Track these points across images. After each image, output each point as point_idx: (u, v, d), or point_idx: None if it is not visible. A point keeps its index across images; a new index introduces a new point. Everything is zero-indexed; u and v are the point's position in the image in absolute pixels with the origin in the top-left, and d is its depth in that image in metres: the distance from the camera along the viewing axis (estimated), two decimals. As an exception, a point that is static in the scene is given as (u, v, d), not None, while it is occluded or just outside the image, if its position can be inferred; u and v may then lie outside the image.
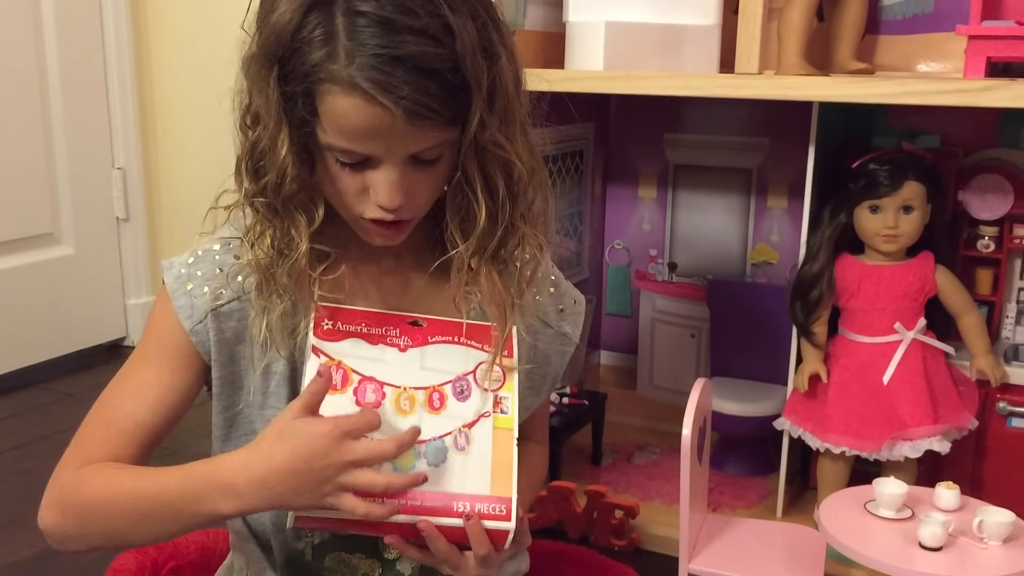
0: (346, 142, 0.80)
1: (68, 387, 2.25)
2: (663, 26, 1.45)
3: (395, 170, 0.81)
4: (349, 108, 0.77)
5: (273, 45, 0.78)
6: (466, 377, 0.86)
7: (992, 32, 1.26)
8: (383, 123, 0.77)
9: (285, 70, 0.79)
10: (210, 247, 0.90)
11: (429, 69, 0.77)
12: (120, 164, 2.46)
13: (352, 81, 0.76)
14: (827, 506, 1.20)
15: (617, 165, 1.90)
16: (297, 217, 0.84)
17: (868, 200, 1.41)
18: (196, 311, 0.87)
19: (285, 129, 0.80)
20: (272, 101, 0.79)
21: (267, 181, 0.82)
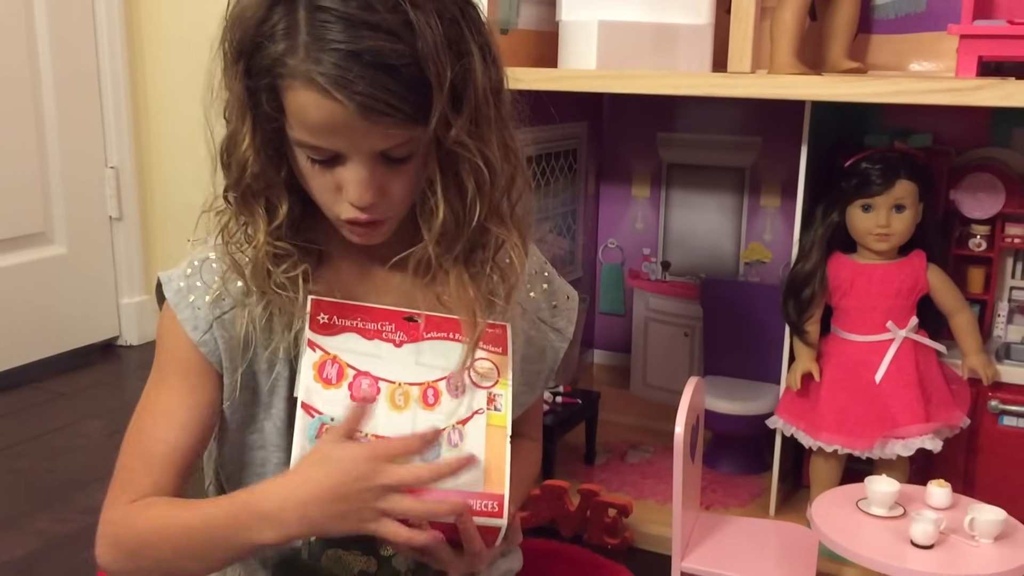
0: (311, 137, 0.80)
1: (61, 387, 2.24)
2: (656, 25, 1.45)
3: (363, 168, 0.81)
4: (308, 103, 0.77)
5: (238, 39, 0.79)
6: (460, 374, 0.86)
7: (983, 31, 1.27)
8: (341, 119, 0.77)
9: (249, 64, 0.79)
10: (206, 256, 0.89)
11: (386, 65, 0.76)
12: (113, 163, 2.45)
13: (310, 76, 0.76)
14: (819, 504, 1.20)
15: (610, 164, 1.91)
16: (257, 212, 0.84)
17: (860, 199, 1.41)
18: (200, 322, 0.87)
19: (248, 123, 0.81)
20: (236, 95, 0.80)
21: (232, 176, 0.83)
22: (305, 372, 0.82)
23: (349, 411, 0.81)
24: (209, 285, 0.88)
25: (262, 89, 0.79)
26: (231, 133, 0.82)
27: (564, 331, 1.01)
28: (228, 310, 0.87)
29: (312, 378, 0.82)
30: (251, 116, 0.81)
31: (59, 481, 1.75)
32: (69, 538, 1.55)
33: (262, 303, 0.86)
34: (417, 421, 0.83)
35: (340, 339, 0.84)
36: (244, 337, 0.87)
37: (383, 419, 0.82)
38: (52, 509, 1.64)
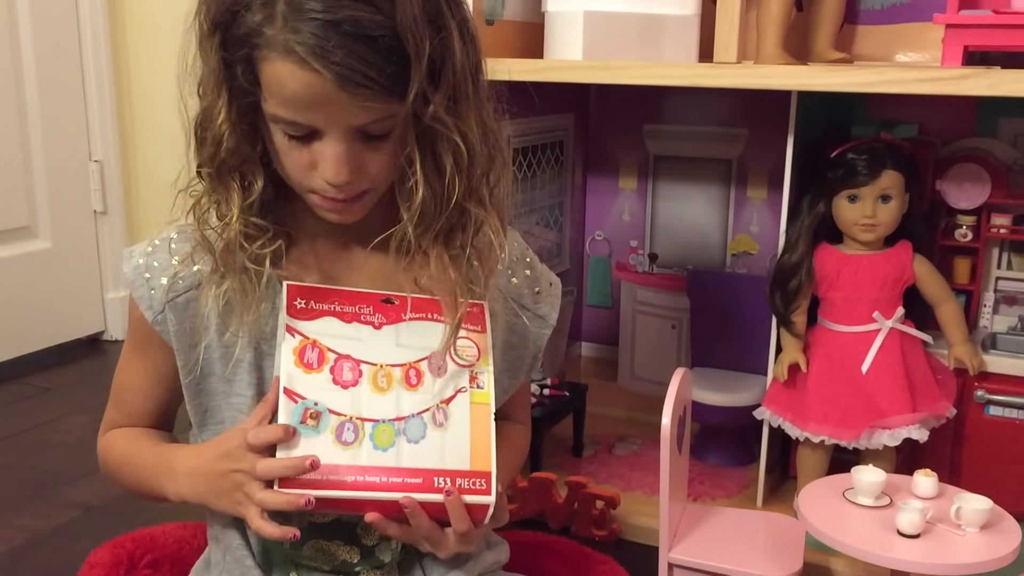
0: (287, 112, 0.79)
1: (46, 382, 2.23)
2: (642, 16, 1.45)
3: (340, 143, 0.80)
4: (285, 75, 0.76)
5: (214, 10, 0.78)
6: (441, 353, 0.86)
7: (969, 20, 1.27)
8: (319, 90, 0.76)
9: (225, 36, 0.78)
10: (167, 235, 0.90)
11: (365, 35, 0.75)
12: (97, 157, 2.44)
13: (287, 46, 0.75)
14: (806, 494, 1.20)
15: (597, 156, 1.90)
16: (232, 186, 0.84)
17: (846, 189, 1.41)
18: (155, 303, 0.88)
19: (224, 97, 0.80)
20: (211, 68, 0.80)
21: (206, 150, 0.83)
22: (285, 358, 0.82)
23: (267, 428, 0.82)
24: (165, 267, 0.89)
25: (238, 61, 0.78)
26: (206, 107, 0.82)
27: (547, 317, 1.00)
28: (182, 292, 0.88)
29: (293, 363, 0.82)
30: (227, 89, 0.80)
31: (44, 476, 1.74)
32: (54, 533, 1.54)
33: (223, 285, 0.86)
34: (401, 402, 0.83)
35: (319, 323, 0.84)
36: (197, 321, 0.88)
37: (367, 401, 0.82)
38: (37, 504, 1.63)
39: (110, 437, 0.97)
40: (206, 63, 0.81)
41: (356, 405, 0.82)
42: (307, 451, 0.80)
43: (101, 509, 1.61)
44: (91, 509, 1.61)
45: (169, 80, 0.88)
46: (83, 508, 1.61)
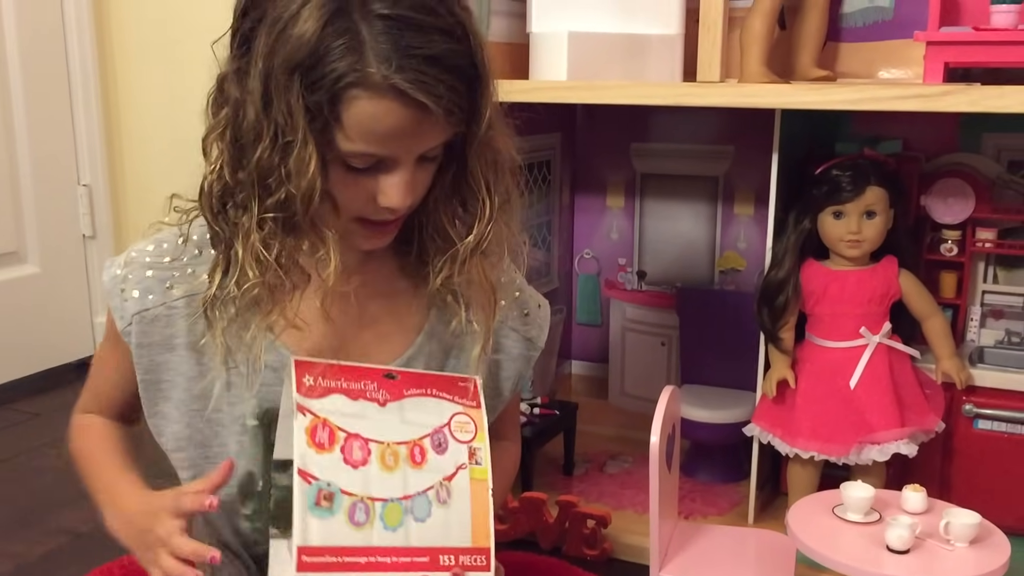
0: (370, 146, 0.81)
1: (35, 407, 2.22)
2: (626, 36, 1.46)
3: (408, 171, 0.83)
4: (381, 112, 0.78)
5: (295, 56, 0.78)
6: (442, 430, 0.87)
7: (949, 38, 1.28)
8: (415, 123, 0.79)
9: (307, 81, 0.78)
10: (144, 248, 0.93)
11: (456, 66, 0.79)
12: (86, 181, 2.44)
13: (389, 83, 0.77)
14: (796, 511, 1.20)
15: (584, 175, 1.91)
16: (324, 231, 0.84)
17: (831, 206, 1.42)
18: (126, 313, 0.92)
19: (312, 143, 0.79)
20: (296, 113, 0.79)
21: (280, 197, 0.81)
22: (298, 437, 0.82)
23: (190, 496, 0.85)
24: (139, 279, 0.91)
25: (323, 102, 0.78)
26: (286, 152, 0.80)
27: (535, 340, 1.01)
28: (152, 307, 0.91)
29: (306, 443, 0.82)
30: (312, 137, 0.79)
31: (33, 503, 1.73)
32: (43, 560, 1.53)
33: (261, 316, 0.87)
34: (408, 480, 0.84)
35: (327, 401, 0.85)
36: (167, 341, 0.92)
37: (376, 481, 0.83)
38: (26, 531, 1.62)
39: (84, 422, 1.03)
40: (279, 108, 0.79)
41: (366, 485, 0.83)
42: (323, 532, 0.80)
43: (90, 536, 1.60)
44: (80, 536, 1.60)
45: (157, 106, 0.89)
46: (72, 535, 1.60)
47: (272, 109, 0.79)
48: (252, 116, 0.80)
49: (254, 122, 0.80)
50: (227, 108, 0.83)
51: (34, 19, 2.28)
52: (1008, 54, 1.25)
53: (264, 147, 0.80)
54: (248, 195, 0.83)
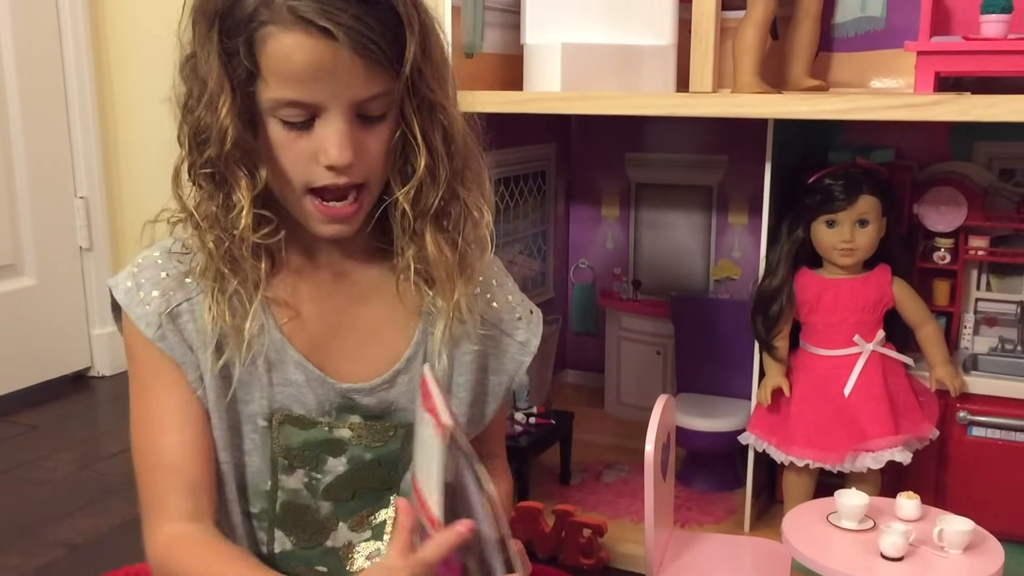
0: (290, 90, 0.81)
1: (33, 419, 2.22)
2: (619, 47, 1.47)
3: (342, 121, 0.82)
4: (291, 46, 0.79)
5: (212, 5, 0.80)
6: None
7: (939, 48, 1.29)
8: (327, 58, 0.79)
9: (224, 25, 0.80)
10: (151, 254, 0.92)
11: (368, 2, 0.79)
12: (82, 193, 2.44)
13: (294, 13, 0.78)
14: (791, 519, 1.20)
15: (579, 185, 1.92)
16: (239, 174, 0.84)
17: (824, 215, 1.43)
18: (152, 317, 0.89)
19: (227, 89, 0.81)
20: (213, 61, 0.81)
21: (209, 151, 0.83)
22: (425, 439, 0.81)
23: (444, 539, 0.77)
24: (155, 281, 0.89)
25: (239, 47, 0.80)
26: (208, 101, 0.82)
27: (527, 344, 1.02)
28: (176, 304, 0.89)
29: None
30: (228, 81, 0.81)
31: (30, 515, 1.73)
32: (40, 572, 1.53)
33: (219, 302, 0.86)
34: None
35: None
36: (194, 335, 0.89)
37: None
38: (25, 544, 1.62)
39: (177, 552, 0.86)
40: (205, 59, 0.81)
41: None
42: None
43: (86, 548, 1.60)
44: (76, 548, 1.60)
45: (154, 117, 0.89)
46: (69, 547, 1.60)
47: (199, 65, 0.82)
48: (191, 84, 0.83)
49: (193, 88, 0.83)
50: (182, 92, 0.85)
51: (30, 31, 2.29)
52: (997, 63, 1.26)
53: (200, 108, 0.82)
54: (192, 160, 0.85)
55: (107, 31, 2.44)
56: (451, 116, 0.89)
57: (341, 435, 0.95)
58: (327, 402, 0.94)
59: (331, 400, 0.94)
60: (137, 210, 2.49)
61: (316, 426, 0.94)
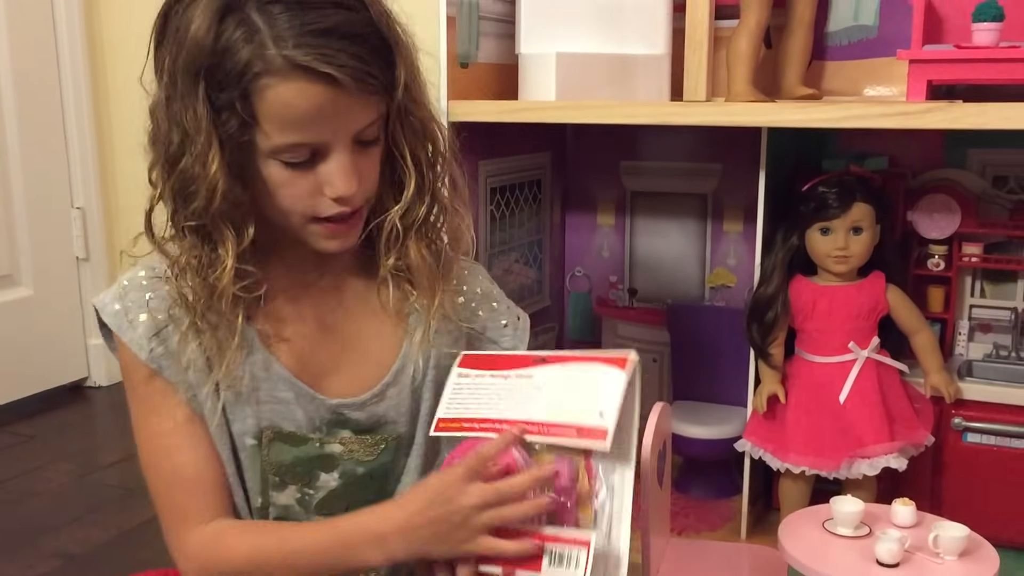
0: (294, 134, 0.81)
1: (30, 429, 2.22)
2: (613, 56, 1.47)
3: (346, 155, 0.83)
4: (292, 94, 0.78)
5: (195, 59, 0.79)
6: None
7: (932, 56, 1.29)
8: (329, 100, 0.79)
9: (212, 81, 0.79)
10: (136, 275, 0.92)
11: (357, 35, 0.79)
12: (79, 204, 2.45)
13: (292, 63, 0.77)
14: (786, 526, 1.20)
15: (575, 193, 1.92)
16: (225, 233, 0.84)
17: (818, 222, 1.43)
18: (143, 340, 0.90)
19: (215, 144, 0.80)
20: (201, 116, 0.80)
21: (197, 205, 0.82)
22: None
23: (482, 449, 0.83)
24: (142, 303, 0.90)
25: (232, 102, 0.79)
26: (196, 153, 0.81)
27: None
28: (164, 326, 0.89)
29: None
30: (216, 136, 0.80)
31: (29, 526, 1.73)
32: (37, 584, 1.54)
33: (200, 339, 0.87)
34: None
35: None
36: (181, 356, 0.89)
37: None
38: (21, 555, 1.62)
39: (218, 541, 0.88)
40: (191, 112, 0.80)
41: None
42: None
43: (84, 558, 1.60)
44: (73, 558, 1.60)
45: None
46: (65, 557, 1.60)
47: (183, 120, 0.81)
48: (174, 136, 0.82)
49: (176, 141, 0.82)
50: (159, 137, 0.84)
51: (27, 43, 2.30)
52: (989, 71, 1.26)
53: (185, 160, 0.82)
54: (175, 209, 0.85)
55: (103, 43, 2.44)
56: (433, 128, 0.90)
57: (332, 450, 0.95)
58: (317, 418, 0.94)
59: (321, 416, 0.94)
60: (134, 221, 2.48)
61: (307, 442, 0.94)
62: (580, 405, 0.87)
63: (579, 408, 0.87)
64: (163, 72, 0.82)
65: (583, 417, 0.86)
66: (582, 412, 0.86)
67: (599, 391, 0.88)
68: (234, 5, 0.79)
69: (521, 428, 0.84)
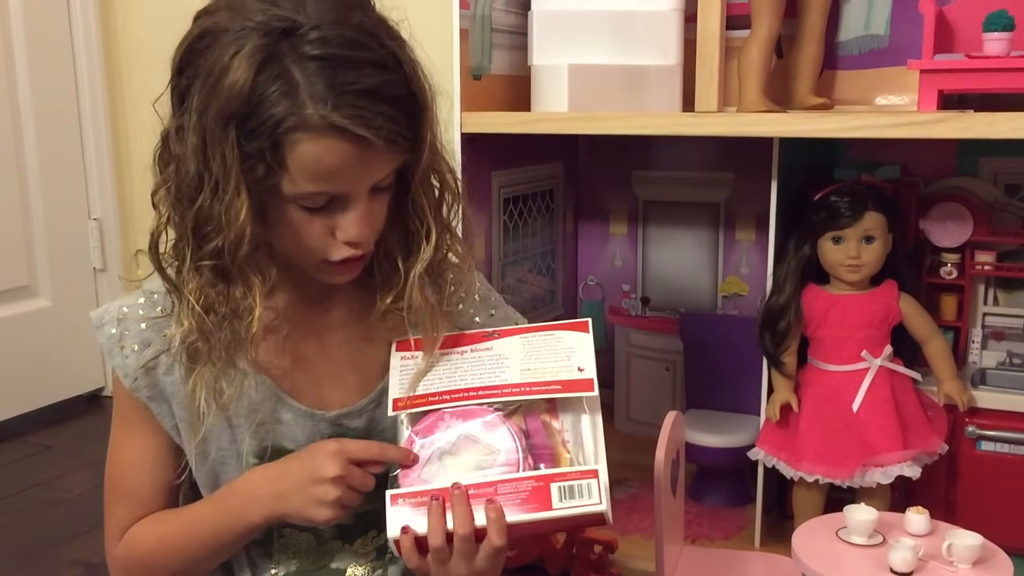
0: (320, 186, 0.82)
1: (47, 439, 2.24)
2: (625, 67, 1.48)
3: (364, 204, 0.84)
4: (323, 151, 0.79)
5: (229, 106, 0.79)
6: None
7: (943, 66, 1.30)
8: (358, 157, 0.80)
9: (244, 129, 0.79)
10: (134, 301, 0.94)
11: (392, 97, 0.80)
12: (96, 215, 2.47)
13: (328, 123, 0.78)
14: (800, 534, 1.21)
15: (588, 203, 1.93)
16: (252, 279, 0.85)
17: (831, 231, 1.44)
18: (130, 370, 0.91)
19: (244, 191, 0.80)
20: (231, 162, 0.79)
21: (217, 245, 0.82)
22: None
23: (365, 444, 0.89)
24: (136, 332, 0.92)
25: (262, 151, 0.79)
26: (221, 199, 0.81)
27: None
28: (153, 358, 0.91)
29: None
30: (244, 182, 0.80)
31: (46, 535, 1.74)
32: (56, 592, 1.55)
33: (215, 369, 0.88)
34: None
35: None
36: (176, 386, 0.91)
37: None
38: (41, 564, 1.64)
39: (131, 536, 0.95)
40: (221, 158, 0.80)
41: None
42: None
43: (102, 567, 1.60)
44: (92, 567, 1.61)
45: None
46: (84, 566, 1.62)
47: (209, 161, 0.80)
48: (192, 169, 0.81)
49: (194, 175, 0.81)
50: (171, 164, 0.84)
51: (44, 55, 2.32)
52: (1000, 81, 1.27)
53: (204, 197, 0.81)
54: (186, 244, 0.84)
55: (120, 55, 2.47)
56: (448, 177, 0.92)
57: None
58: (318, 435, 0.95)
59: (322, 432, 0.95)
60: (150, 231, 2.51)
61: None
62: (555, 365, 0.92)
63: (555, 368, 0.92)
64: (189, 108, 0.81)
65: (562, 374, 0.91)
66: (560, 371, 0.91)
67: (570, 352, 0.93)
68: (273, 56, 0.78)
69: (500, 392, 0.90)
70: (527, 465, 0.88)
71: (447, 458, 0.88)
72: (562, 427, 0.92)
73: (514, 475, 0.86)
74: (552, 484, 0.85)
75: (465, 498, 0.84)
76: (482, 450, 0.88)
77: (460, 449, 0.88)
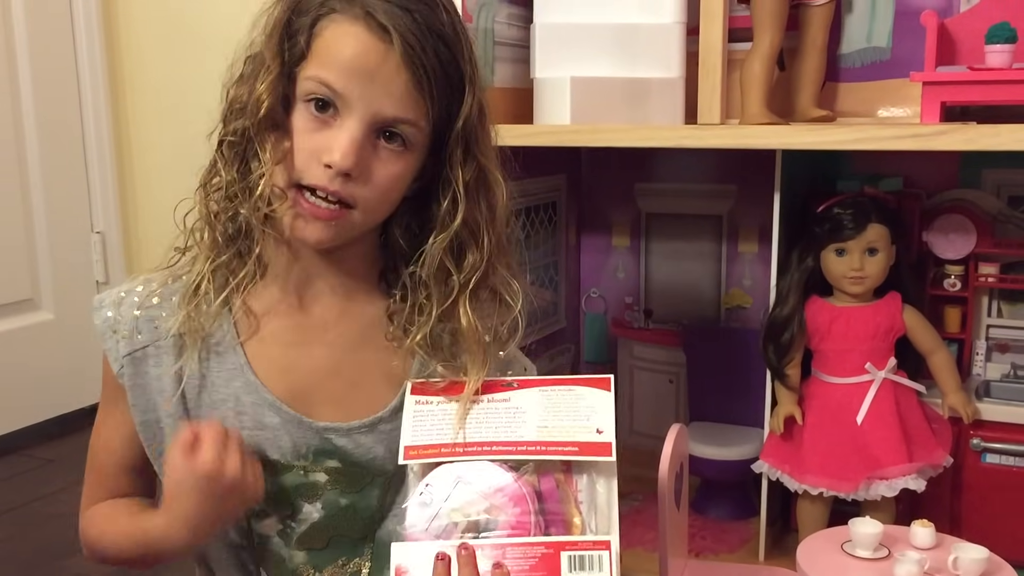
0: (328, 72, 0.83)
1: (49, 453, 2.24)
2: (627, 80, 1.48)
3: (358, 129, 0.83)
4: (347, 35, 0.82)
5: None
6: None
7: (945, 78, 1.30)
8: (374, 57, 0.81)
9: (298, 9, 0.84)
10: (133, 288, 0.95)
11: (434, 31, 0.82)
12: (99, 228, 2.48)
13: (365, 10, 0.81)
14: (805, 548, 1.21)
15: (590, 215, 1.93)
16: (265, 142, 0.86)
17: (834, 243, 1.44)
18: (118, 355, 0.93)
19: (276, 66, 0.84)
20: (276, 37, 0.84)
21: (242, 121, 0.86)
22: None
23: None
24: (128, 319, 0.93)
25: (305, 26, 0.83)
26: (257, 65, 0.85)
27: None
28: (140, 348, 0.92)
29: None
30: (279, 54, 0.84)
31: (49, 549, 1.74)
32: (57, 606, 1.55)
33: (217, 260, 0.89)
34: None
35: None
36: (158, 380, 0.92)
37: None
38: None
39: (89, 516, 0.99)
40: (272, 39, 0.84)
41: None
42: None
43: (104, 580, 1.61)
44: (94, 581, 1.61)
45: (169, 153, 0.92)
46: (86, 580, 1.62)
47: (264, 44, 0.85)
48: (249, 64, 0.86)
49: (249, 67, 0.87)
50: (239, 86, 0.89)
51: (48, 68, 2.33)
52: (1003, 93, 1.27)
53: (243, 83, 0.86)
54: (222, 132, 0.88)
55: (124, 68, 2.48)
56: (498, 189, 0.91)
57: (316, 479, 0.94)
58: (304, 444, 0.94)
59: (308, 443, 0.94)
60: (153, 244, 2.52)
61: (291, 470, 0.94)
62: (573, 425, 0.89)
63: (573, 428, 0.89)
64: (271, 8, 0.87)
65: (580, 435, 0.89)
66: (577, 431, 0.89)
67: (589, 411, 0.91)
68: None
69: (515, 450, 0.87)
70: (538, 529, 0.86)
71: (456, 515, 0.85)
72: (576, 488, 0.90)
73: (524, 539, 0.84)
74: (562, 552, 0.84)
75: (472, 560, 0.81)
76: (493, 510, 0.85)
77: (470, 507, 0.86)
